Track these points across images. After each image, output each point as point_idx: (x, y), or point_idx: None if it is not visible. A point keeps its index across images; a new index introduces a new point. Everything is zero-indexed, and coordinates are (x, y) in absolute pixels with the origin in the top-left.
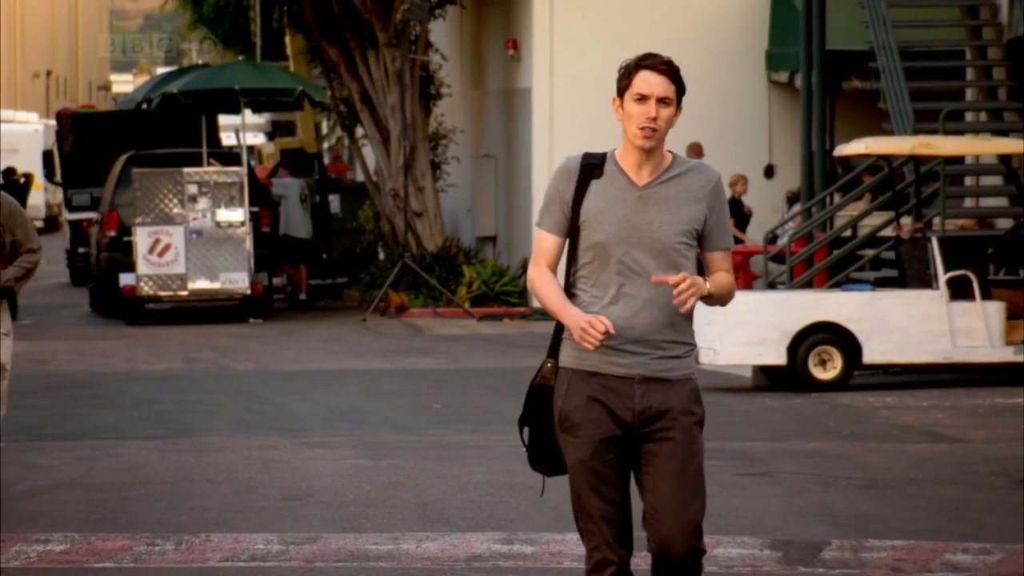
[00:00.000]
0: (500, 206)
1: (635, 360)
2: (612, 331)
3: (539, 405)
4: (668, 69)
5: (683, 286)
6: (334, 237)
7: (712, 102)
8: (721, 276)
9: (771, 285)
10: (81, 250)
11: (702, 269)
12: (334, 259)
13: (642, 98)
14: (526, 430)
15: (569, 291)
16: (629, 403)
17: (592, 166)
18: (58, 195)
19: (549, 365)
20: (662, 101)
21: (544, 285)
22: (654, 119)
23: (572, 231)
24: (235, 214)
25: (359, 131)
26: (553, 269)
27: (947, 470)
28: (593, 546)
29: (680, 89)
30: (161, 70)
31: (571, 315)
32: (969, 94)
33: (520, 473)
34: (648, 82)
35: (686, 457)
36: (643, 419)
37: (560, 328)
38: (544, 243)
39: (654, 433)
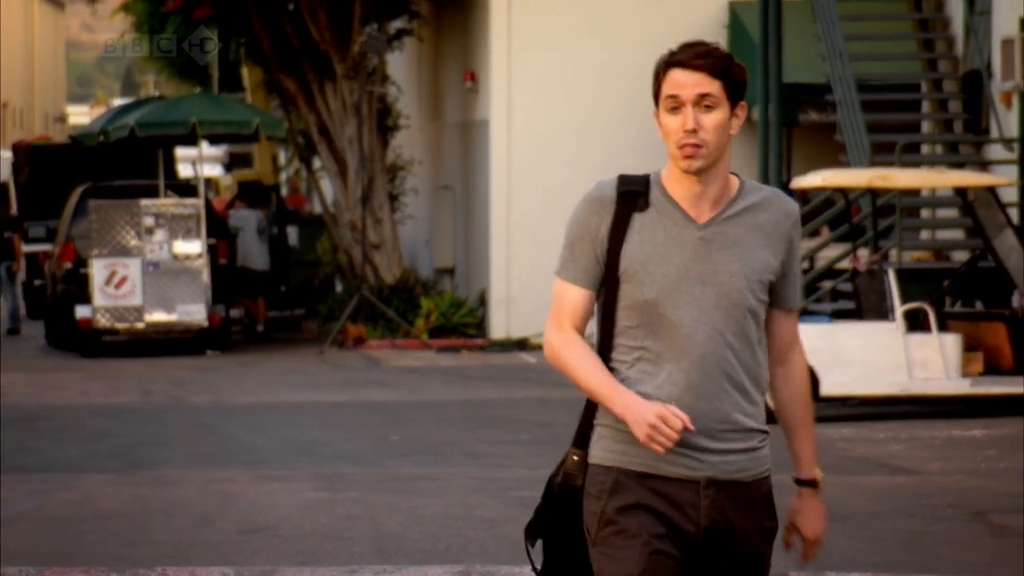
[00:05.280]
0: (458, 238)
1: (702, 459)
2: (692, 428)
3: (563, 510)
4: (706, 62)
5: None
6: (292, 269)
7: None
8: (801, 385)
9: None
10: (37, 282)
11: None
12: (292, 291)
13: (675, 105)
14: (538, 543)
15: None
16: (693, 515)
17: (633, 194)
18: None
19: (576, 458)
20: (704, 104)
21: (577, 356)
22: (694, 131)
23: (608, 283)
24: (192, 246)
25: (317, 163)
26: (582, 332)
27: (904, 502)
28: None
29: (731, 83)
30: (118, 101)
31: (627, 403)
32: (925, 127)
33: (477, 506)
34: (679, 83)
35: None
36: (709, 537)
37: (591, 410)
38: (569, 299)
39: (714, 554)
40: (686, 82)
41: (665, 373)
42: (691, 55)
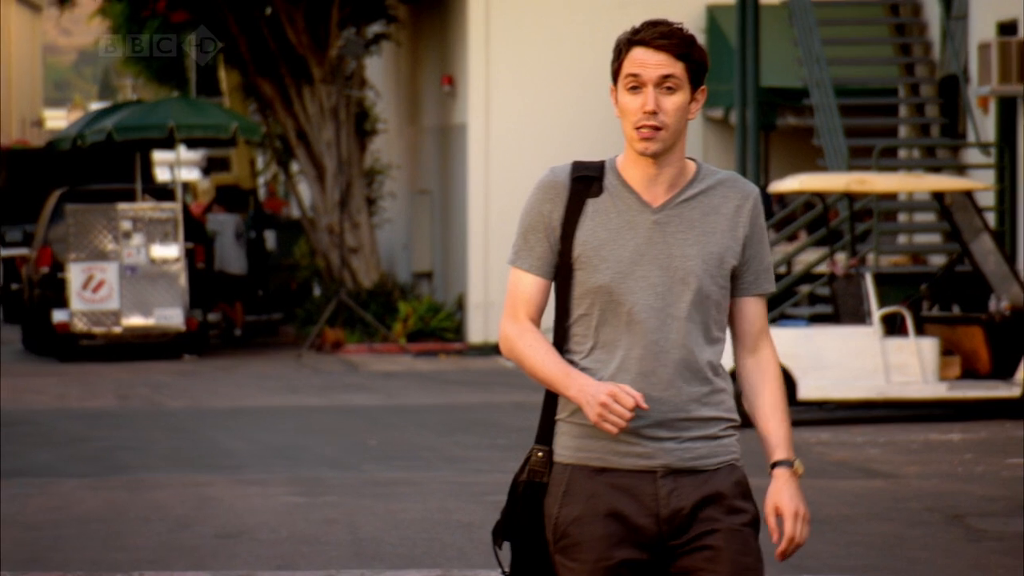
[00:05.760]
0: (436, 242)
1: (657, 446)
2: (644, 404)
3: (528, 510)
4: (670, 42)
5: (796, 535)
6: (270, 273)
7: None
8: (774, 372)
9: None
10: (14, 286)
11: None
12: (269, 295)
13: (635, 85)
14: (505, 545)
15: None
16: (651, 506)
17: (587, 180)
18: None
19: (540, 455)
20: (665, 86)
21: (529, 345)
22: (653, 112)
23: (562, 271)
24: (169, 250)
25: (294, 167)
26: (537, 322)
27: (881, 506)
28: None
29: (694, 65)
30: (95, 105)
31: (580, 385)
32: (902, 131)
33: (455, 510)
34: (641, 62)
35: (738, 570)
36: (673, 528)
37: (551, 404)
38: (523, 288)
39: (689, 544)
40: (648, 62)
41: (618, 361)
42: (655, 34)
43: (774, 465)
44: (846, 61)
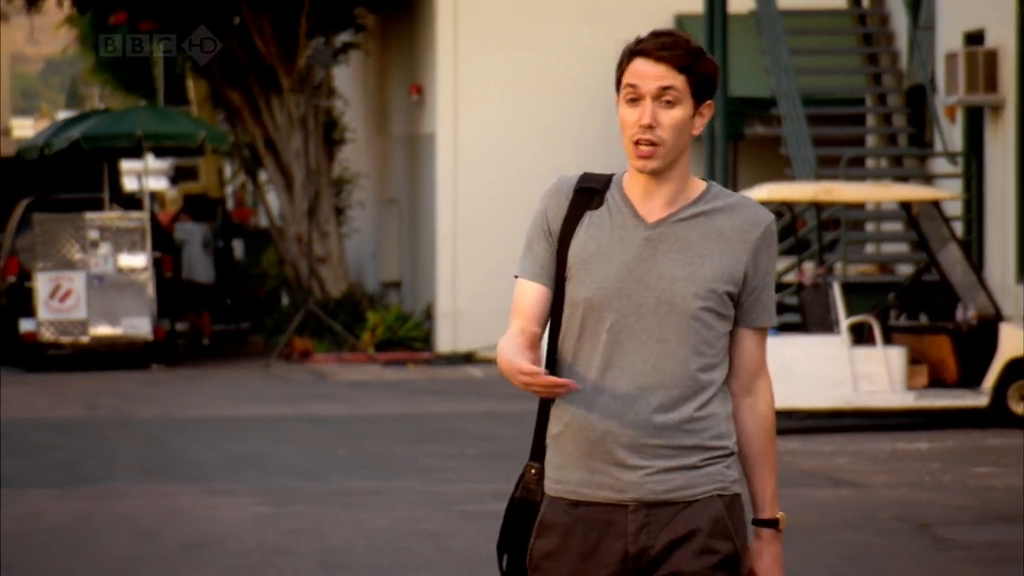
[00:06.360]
0: (404, 251)
1: (629, 478)
2: (576, 385)
3: (522, 527)
4: (672, 54)
5: None
6: (238, 282)
7: (617, 150)
8: (767, 418)
9: None
10: None
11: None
12: (238, 304)
13: (634, 97)
14: (506, 557)
15: (550, 368)
16: (621, 542)
17: (589, 192)
18: None
19: (533, 472)
20: (664, 99)
21: (502, 348)
22: (650, 126)
23: (557, 282)
24: (137, 259)
25: (263, 176)
26: (532, 331)
27: (849, 515)
28: None
29: (697, 78)
30: (62, 114)
31: (512, 372)
32: (870, 140)
33: (423, 519)
34: (640, 73)
35: None
36: (640, 567)
37: (543, 422)
38: (522, 297)
39: None
40: (648, 73)
41: (592, 380)
42: (656, 45)
43: (758, 522)
44: (814, 71)
